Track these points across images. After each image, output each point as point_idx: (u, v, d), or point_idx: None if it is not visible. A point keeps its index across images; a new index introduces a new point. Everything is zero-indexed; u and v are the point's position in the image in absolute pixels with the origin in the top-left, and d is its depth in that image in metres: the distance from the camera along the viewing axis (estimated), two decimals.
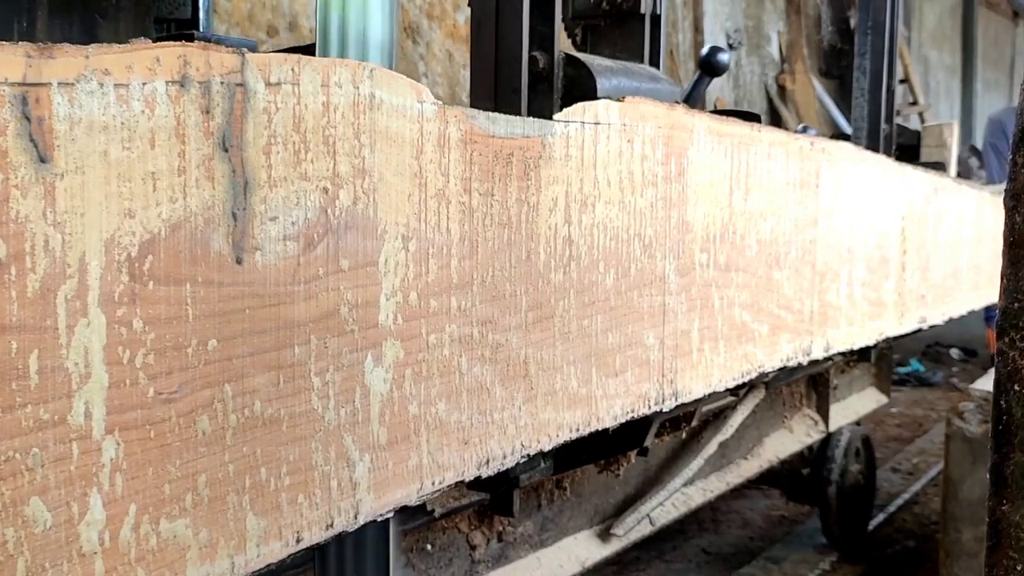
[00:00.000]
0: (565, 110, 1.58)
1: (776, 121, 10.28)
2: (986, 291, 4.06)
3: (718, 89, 9.14)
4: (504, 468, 1.50)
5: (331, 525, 1.20)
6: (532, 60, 2.14)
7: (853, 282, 2.80)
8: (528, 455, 1.55)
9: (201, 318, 1.03)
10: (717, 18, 9.13)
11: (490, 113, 1.42)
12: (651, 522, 2.98)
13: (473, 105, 1.83)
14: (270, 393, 1.11)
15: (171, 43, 0.98)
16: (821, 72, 5.86)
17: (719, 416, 3.33)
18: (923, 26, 13.92)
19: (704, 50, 2.67)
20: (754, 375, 2.28)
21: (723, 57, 2.66)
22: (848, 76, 4.30)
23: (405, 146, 1.27)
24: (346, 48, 1.40)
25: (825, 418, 4.23)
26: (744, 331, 2.20)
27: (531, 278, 1.52)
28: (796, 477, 4.26)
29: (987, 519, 1.35)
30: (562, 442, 1.63)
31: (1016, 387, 1.22)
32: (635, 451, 2.35)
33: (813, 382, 4.20)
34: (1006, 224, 1.39)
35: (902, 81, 11.88)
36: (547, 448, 1.58)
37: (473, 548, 2.37)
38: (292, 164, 1.12)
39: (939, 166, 4.02)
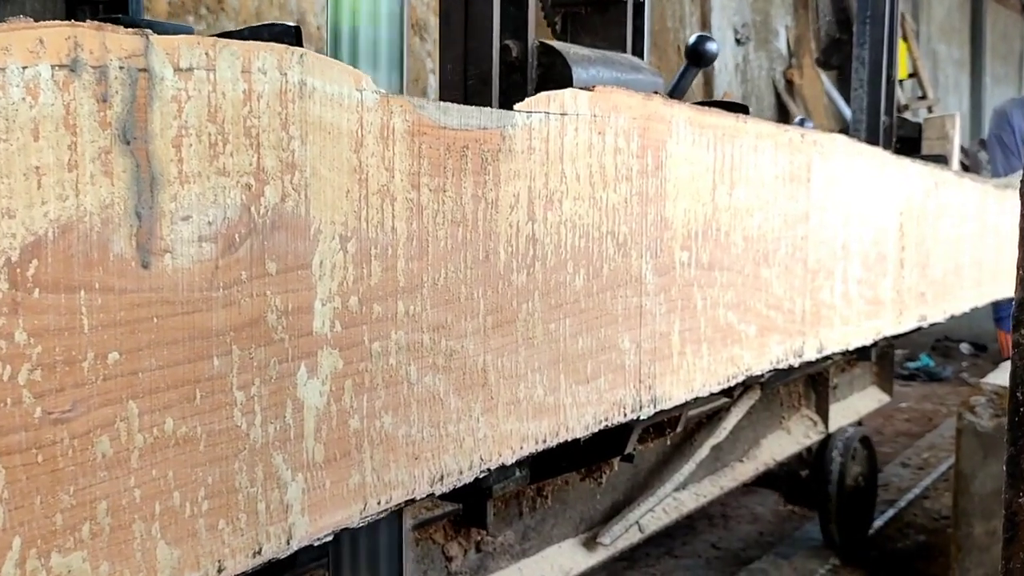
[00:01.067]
0: (528, 100, 1.48)
1: (784, 116, 10.18)
2: (989, 288, 3.94)
3: (726, 84, 9.08)
4: (461, 484, 1.39)
5: (259, 552, 1.10)
6: (504, 49, 2.03)
7: (848, 280, 2.69)
8: (488, 469, 1.44)
9: (99, 328, 0.93)
10: (725, 13, 9.08)
11: (441, 103, 1.31)
12: (640, 529, 2.87)
13: (442, 98, 1.73)
14: (184, 410, 1.01)
15: (59, 23, 0.88)
16: (819, 63, 5.75)
17: (713, 418, 3.23)
18: (932, 20, 13.88)
19: (691, 39, 2.56)
20: (741, 379, 2.17)
21: (711, 47, 2.55)
22: (847, 67, 4.18)
23: (342, 138, 1.17)
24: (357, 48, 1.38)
25: (824, 418, 4.12)
26: (730, 333, 2.09)
27: (490, 280, 1.42)
28: (795, 479, 4.15)
29: (1003, 511, 1.30)
30: (527, 455, 1.52)
31: None
32: (617, 458, 2.25)
33: (812, 382, 4.09)
34: (1022, 215, 1.30)
35: (911, 75, 11.79)
36: (510, 461, 1.48)
37: (449, 560, 2.27)
38: (208, 158, 1.02)
39: (941, 159, 3.91)
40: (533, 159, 1.49)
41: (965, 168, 6.93)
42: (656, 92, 1.79)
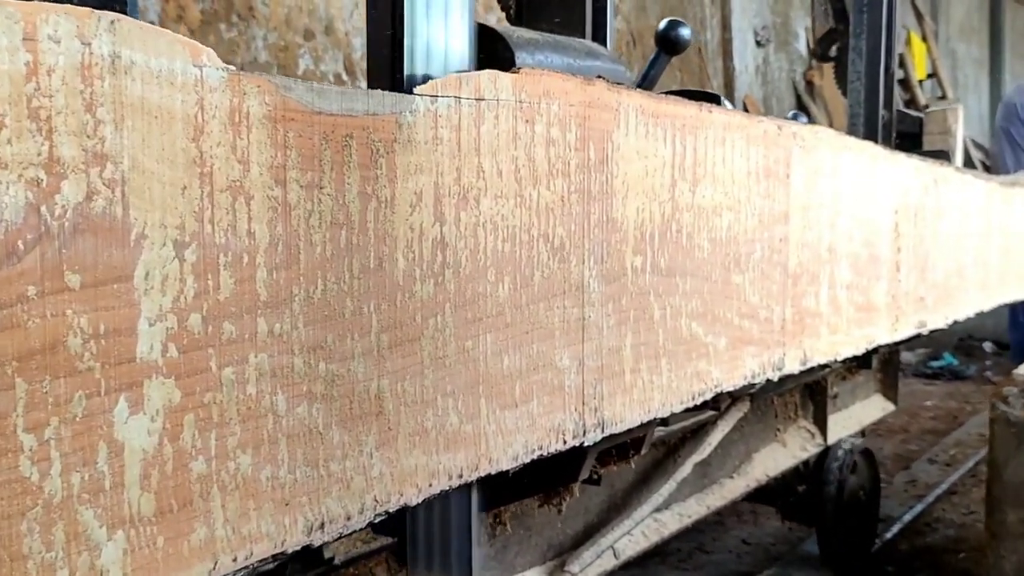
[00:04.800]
0: (432, 82, 1.27)
1: (805, 118, 10.02)
2: (995, 290, 3.71)
3: (746, 86, 9.00)
4: (350, 530, 1.19)
5: None
6: None
7: (836, 285, 2.47)
8: (387, 512, 1.24)
9: None
10: (745, 15, 9.04)
11: (315, 84, 1.11)
12: (615, 555, 2.66)
13: (371, 88, 1.52)
14: None
15: None
16: (815, 55, 5.55)
17: (698, 433, 3.02)
18: (951, 20, 13.84)
19: (661, 24, 2.35)
20: (710, 396, 1.96)
21: (683, 32, 2.34)
22: (843, 59, 3.96)
23: (175, 124, 0.97)
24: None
25: (823, 430, 3.90)
26: (694, 345, 1.88)
27: (385, 291, 1.22)
28: (791, 494, 3.93)
29: None
30: (438, 492, 1.32)
31: None
32: (575, 484, 2.04)
33: (810, 391, 3.87)
34: None
35: (930, 75, 11.59)
36: (415, 501, 1.28)
37: None
38: None
39: (943, 154, 3.68)
40: (440, 151, 1.28)
41: (986, 168, 6.70)
42: (600, 77, 1.58)
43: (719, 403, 2.95)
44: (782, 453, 3.70)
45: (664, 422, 2.75)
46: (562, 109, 1.49)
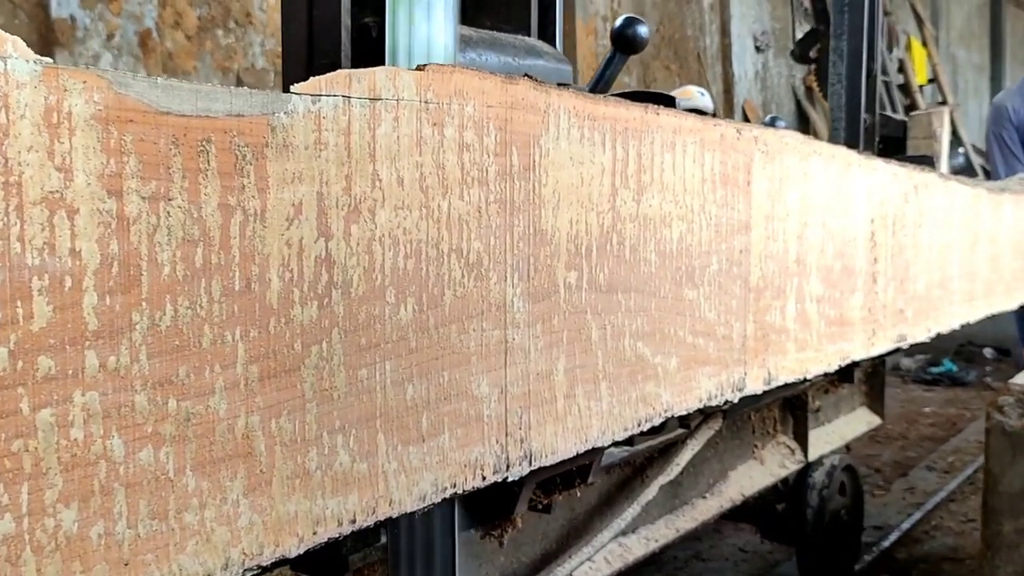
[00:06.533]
0: (315, 79, 1.13)
1: (804, 122, 9.98)
2: (982, 302, 3.56)
3: (746, 92, 8.93)
4: None
5: None
6: (362, 29, 1.69)
7: (804, 298, 2.32)
8: (260, 566, 1.09)
9: None
10: (744, 21, 8.99)
11: (161, 79, 0.97)
12: None
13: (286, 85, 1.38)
14: None
15: None
16: (794, 56, 5.42)
17: (667, 452, 2.88)
18: (951, 25, 13.83)
19: (618, 21, 2.21)
20: (658, 420, 1.81)
21: (641, 30, 2.20)
22: (824, 60, 3.82)
23: None
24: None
25: (803, 446, 3.76)
26: (641, 367, 1.73)
27: (254, 316, 1.07)
28: (770, 513, 3.79)
29: None
30: (326, 540, 1.17)
31: None
32: (511, 515, 1.90)
33: (790, 405, 3.73)
34: None
35: (931, 81, 11.48)
36: (295, 552, 1.13)
37: None
38: None
39: (926, 160, 3.53)
40: (326, 157, 1.14)
41: (987, 175, 6.56)
42: (527, 76, 1.43)
43: (688, 421, 2.81)
44: (759, 471, 3.56)
45: (629, 442, 2.60)
46: (478, 111, 1.35)
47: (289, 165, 1.09)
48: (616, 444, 2.19)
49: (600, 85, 2.22)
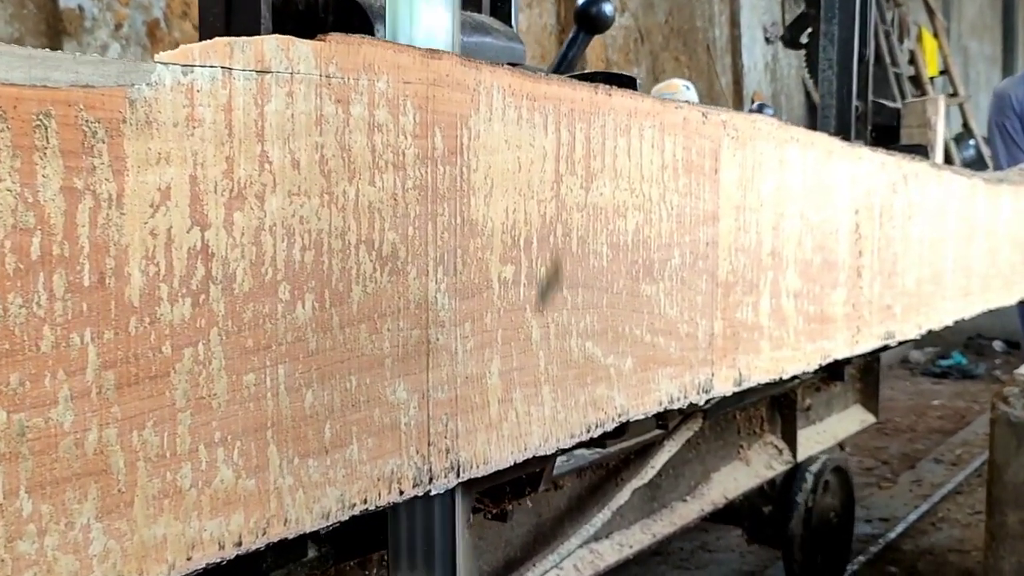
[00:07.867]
0: (184, 47, 1.00)
1: (814, 114, 9.82)
2: (979, 297, 3.41)
3: (755, 83, 8.82)
4: None
5: None
6: (287, 0, 1.56)
7: (780, 294, 2.19)
8: None
9: None
10: (754, 12, 8.91)
11: None
12: None
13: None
14: None
15: None
16: (784, 41, 5.27)
17: (644, 454, 2.75)
18: (963, 17, 13.73)
19: (580, 0, 2.07)
20: (611, 426, 1.68)
21: (605, 8, 2.06)
22: (814, 45, 3.68)
23: None
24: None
25: (792, 446, 3.63)
26: (590, 369, 1.60)
27: (110, 316, 0.94)
28: (757, 515, 3.66)
29: None
30: (204, 566, 1.04)
31: None
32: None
33: (778, 404, 3.60)
34: None
35: (942, 72, 11.30)
36: None
37: None
38: None
39: (920, 149, 3.39)
40: (200, 135, 1.01)
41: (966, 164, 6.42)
42: (450, 52, 1.30)
43: (666, 420, 2.69)
44: (744, 472, 3.43)
45: (601, 444, 2.47)
46: (392, 87, 1.22)
47: (153, 144, 0.96)
48: (586, 446, 2.06)
49: (564, 66, 2.09)
